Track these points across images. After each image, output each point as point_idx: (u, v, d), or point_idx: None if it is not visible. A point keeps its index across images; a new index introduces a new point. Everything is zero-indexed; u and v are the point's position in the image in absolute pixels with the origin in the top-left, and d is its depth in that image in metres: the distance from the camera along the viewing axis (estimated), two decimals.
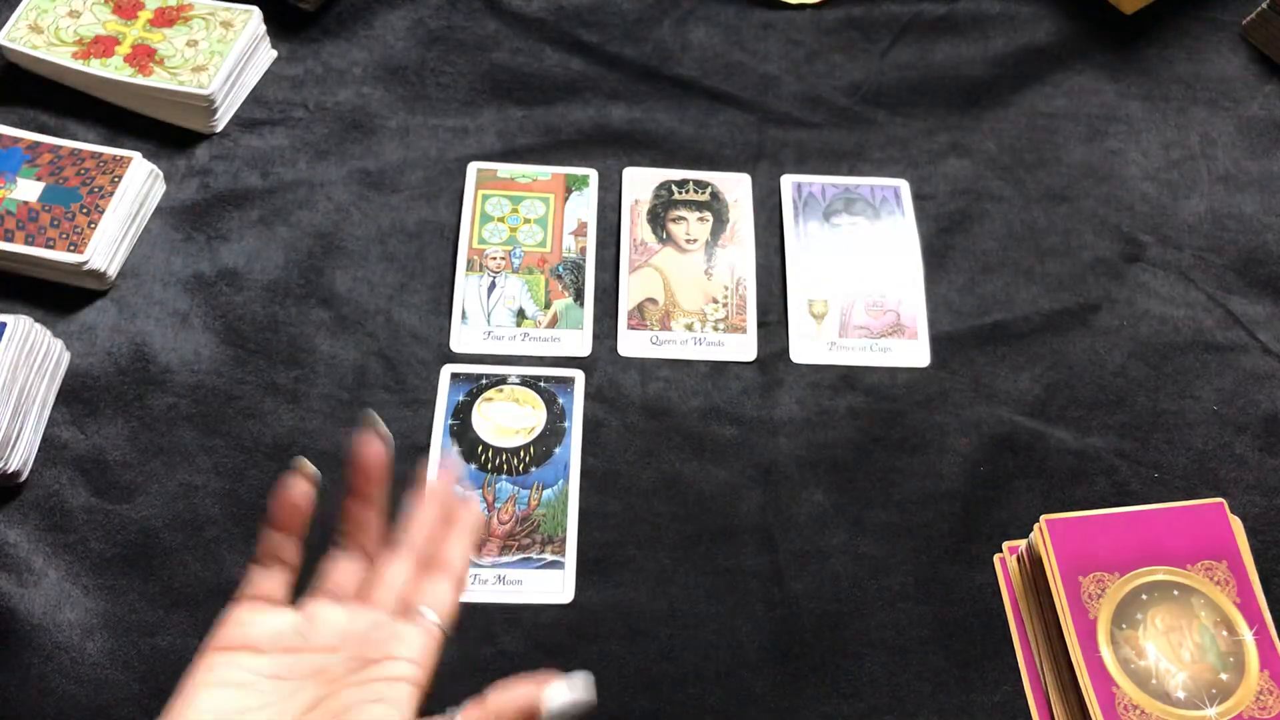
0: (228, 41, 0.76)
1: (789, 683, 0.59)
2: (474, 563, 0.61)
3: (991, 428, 0.67)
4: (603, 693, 0.58)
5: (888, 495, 0.64)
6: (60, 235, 0.67)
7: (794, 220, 0.73)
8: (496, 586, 0.61)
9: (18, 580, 0.59)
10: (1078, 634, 0.56)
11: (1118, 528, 0.59)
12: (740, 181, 0.75)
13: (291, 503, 0.47)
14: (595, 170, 0.76)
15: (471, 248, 0.72)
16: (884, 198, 0.75)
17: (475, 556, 0.61)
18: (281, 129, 0.77)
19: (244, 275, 0.71)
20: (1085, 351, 0.70)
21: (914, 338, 0.70)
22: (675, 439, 0.66)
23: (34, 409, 0.63)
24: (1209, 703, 0.54)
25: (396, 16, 0.83)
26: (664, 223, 0.73)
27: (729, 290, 0.71)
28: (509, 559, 0.62)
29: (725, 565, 0.62)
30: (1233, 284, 0.73)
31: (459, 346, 0.69)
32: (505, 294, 0.70)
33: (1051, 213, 0.76)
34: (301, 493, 0.48)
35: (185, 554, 0.61)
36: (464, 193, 0.74)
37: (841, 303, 0.71)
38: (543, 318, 0.70)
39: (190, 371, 0.67)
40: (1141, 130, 0.80)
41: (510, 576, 0.61)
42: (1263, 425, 0.67)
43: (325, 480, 0.64)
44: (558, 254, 0.72)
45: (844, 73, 0.82)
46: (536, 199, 0.74)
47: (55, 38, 0.75)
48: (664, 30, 0.83)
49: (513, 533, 0.62)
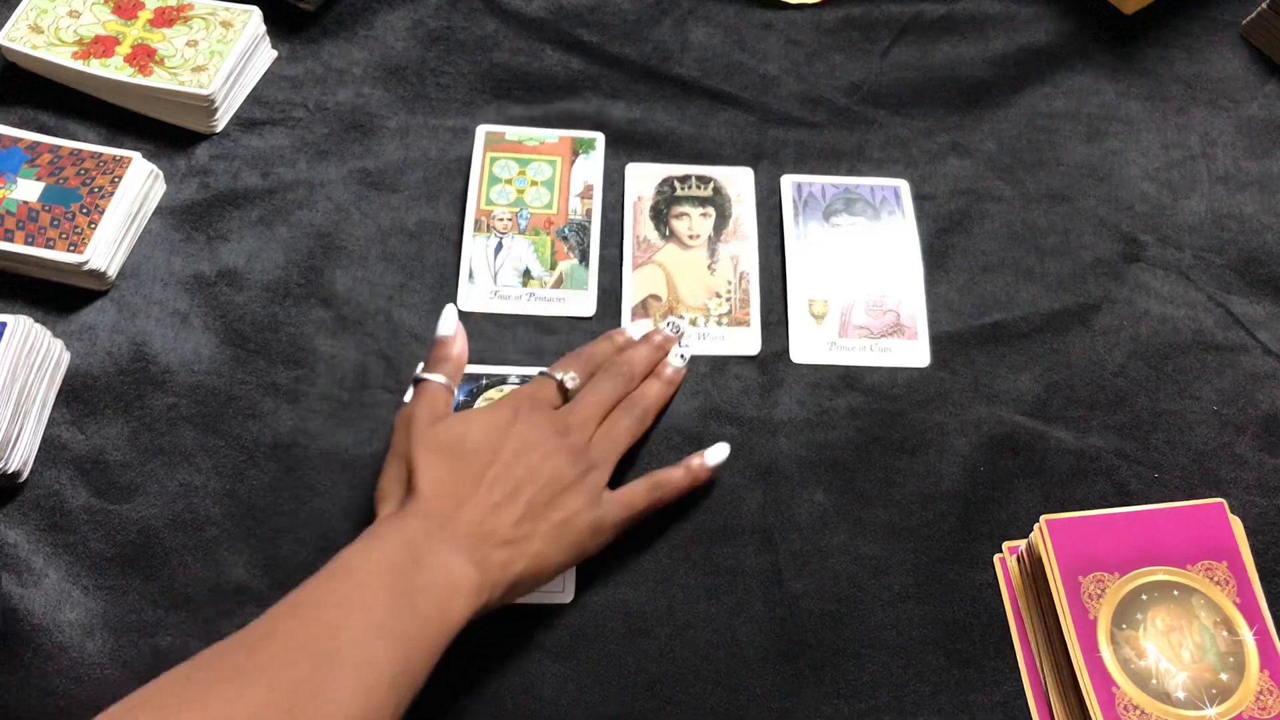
0: (228, 41, 0.76)
1: (789, 683, 0.59)
2: None
3: (991, 428, 0.67)
4: (603, 692, 0.58)
5: (888, 495, 0.64)
6: (60, 235, 0.67)
7: (794, 220, 0.73)
8: None
9: (18, 580, 0.59)
10: (1078, 634, 0.56)
11: (1118, 528, 0.59)
12: (743, 176, 0.76)
13: None
14: (601, 134, 0.77)
15: (479, 209, 0.72)
16: (884, 198, 0.75)
17: None
18: (281, 129, 0.77)
19: (244, 275, 0.71)
20: (1085, 351, 0.70)
21: (914, 338, 0.70)
22: (675, 439, 0.66)
23: (34, 409, 0.63)
24: (1209, 703, 0.54)
25: (396, 16, 0.83)
26: (667, 219, 0.73)
27: (732, 285, 0.71)
28: None
29: (725, 565, 0.62)
30: (1233, 284, 0.73)
31: (466, 306, 0.70)
32: (512, 255, 0.71)
33: (1051, 213, 0.76)
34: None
35: (185, 554, 0.61)
36: (472, 155, 0.75)
37: (841, 303, 0.71)
38: (548, 278, 0.70)
39: (190, 371, 0.67)
40: (1141, 130, 0.80)
41: None
42: (1263, 425, 0.67)
43: (325, 480, 0.64)
44: (564, 216, 0.72)
45: (844, 73, 0.82)
46: (544, 161, 0.75)
47: (55, 38, 0.75)
48: (664, 30, 0.83)
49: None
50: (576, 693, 0.58)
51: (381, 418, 0.66)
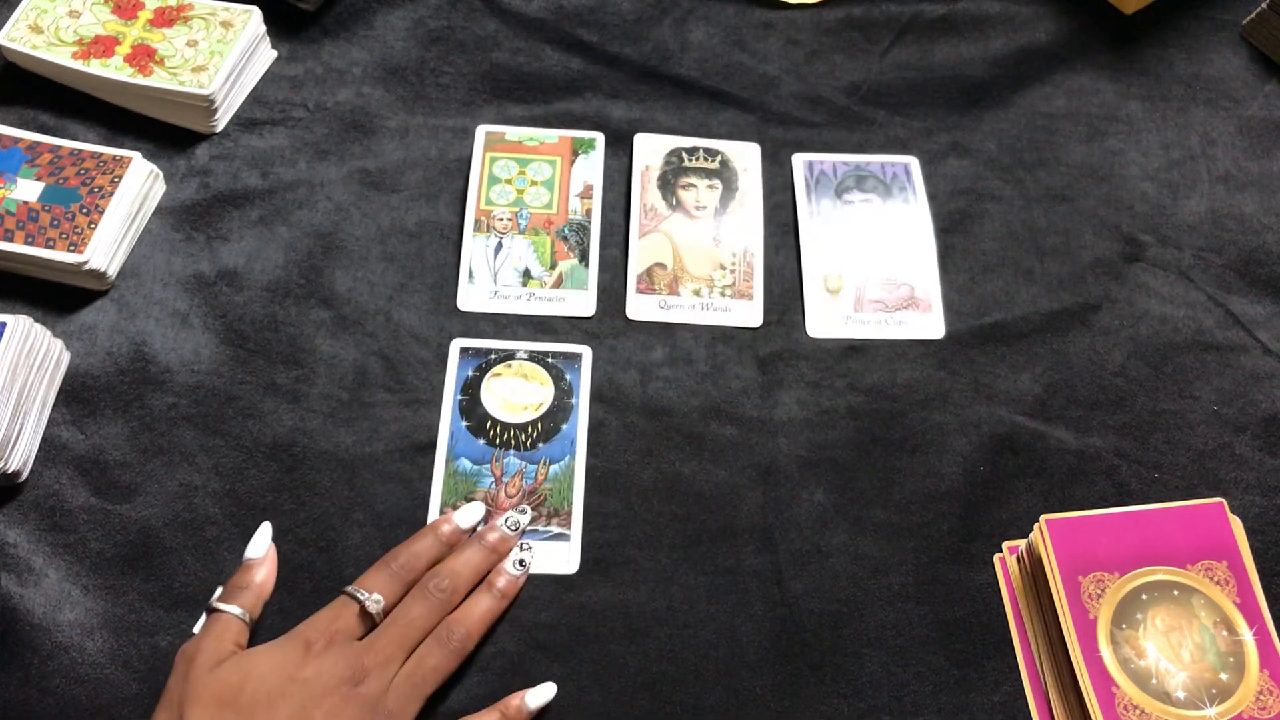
0: (228, 41, 0.76)
1: (789, 683, 0.59)
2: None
3: (991, 428, 0.67)
4: (603, 693, 0.58)
5: (888, 495, 0.64)
6: (60, 235, 0.67)
7: (807, 198, 0.74)
8: None
9: (18, 580, 0.59)
10: (1078, 634, 0.56)
11: (1118, 528, 0.59)
12: (750, 150, 0.76)
13: None
14: (601, 134, 0.77)
15: (479, 209, 0.73)
16: (894, 174, 0.76)
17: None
18: (281, 129, 0.77)
19: (244, 275, 0.71)
20: (1085, 351, 0.70)
21: (929, 310, 0.70)
22: (675, 439, 0.66)
23: (34, 409, 0.63)
24: (1209, 703, 0.54)
25: (396, 16, 0.83)
26: (674, 189, 0.74)
27: (737, 257, 0.71)
28: None
29: (725, 565, 0.62)
30: (1233, 284, 0.73)
31: (466, 305, 0.70)
32: (512, 255, 0.71)
33: (1051, 213, 0.76)
34: None
35: (185, 554, 0.61)
36: (472, 155, 0.75)
37: (856, 278, 0.71)
38: (548, 278, 0.70)
39: (190, 371, 0.67)
40: (1141, 130, 0.80)
41: None
42: (1263, 425, 0.67)
43: (325, 480, 0.64)
44: (564, 216, 0.73)
45: (844, 73, 0.82)
46: (543, 161, 0.75)
47: (55, 38, 0.75)
48: (664, 30, 0.83)
49: (520, 506, 0.63)
50: (576, 693, 0.58)
51: (381, 418, 0.66)
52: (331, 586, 0.59)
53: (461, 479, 0.64)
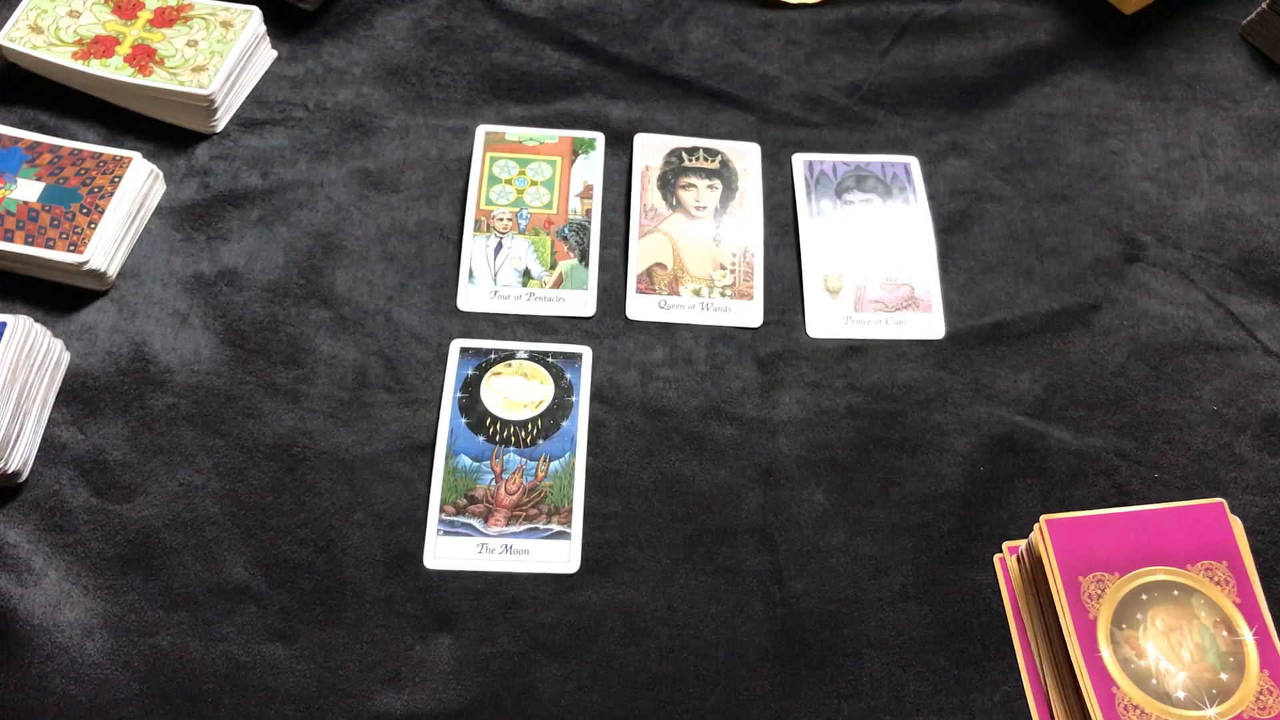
0: (228, 41, 0.76)
1: (789, 683, 0.59)
2: (482, 532, 0.62)
3: (991, 428, 0.67)
4: (603, 693, 0.58)
5: (888, 495, 0.64)
6: (60, 235, 0.67)
7: (806, 198, 0.74)
8: (504, 556, 0.61)
9: (18, 580, 0.59)
10: (1078, 634, 0.56)
11: (1118, 528, 0.59)
12: (750, 150, 0.76)
13: None
14: (601, 134, 0.77)
15: (479, 209, 0.73)
16: (894, 174, 0.76)
17: (484, 526, 0.62)
18: (281, 129, 0.77)
19: (244, 275, 0.71)
20: (1085, 351, 0.70)
21: (929, 310, 0.70)
22: (675, 439, 0.66)
23: (34, 409, 0.63)
24: (1209, 703, 0.54)
25: (396, 16, 0.83)
26: (674, 189, 0.74)
27: (737, 257, 0.71)
28: (516, 529, 0.62)
29: (725, 565, 0.62)
30: (1233, 284, 0.73)
31: (466, 305, 0.70)
32: (512, 254, 0.71)
33: (1051, 213, 0.76)
34: None
35: (185, 554, 0.61)
36: (472, 155, 0.75)
37: (856, 278, 0.71)
38: (548, 278, 0.70)
39: (190, 371, 0.67)
40: (1141, 130, 0.80)
41: (517, 546, 0.62)
42: (1263, 425, 0.67)
43: (325, 480, 0.64)
44: (564, 216, 0.73)
45: (844, 73, 0.82)
46: (543, 161, 0.75)
47: (55, 38, 0.75)
48: (664, 30, 0.83)
49: (520, 503, 0.63)
50: (576, 693, 0.58)
51: (381, 418, 0.66)
52: (331, 586, 0.59)
53: (461, 475, 0.64)
